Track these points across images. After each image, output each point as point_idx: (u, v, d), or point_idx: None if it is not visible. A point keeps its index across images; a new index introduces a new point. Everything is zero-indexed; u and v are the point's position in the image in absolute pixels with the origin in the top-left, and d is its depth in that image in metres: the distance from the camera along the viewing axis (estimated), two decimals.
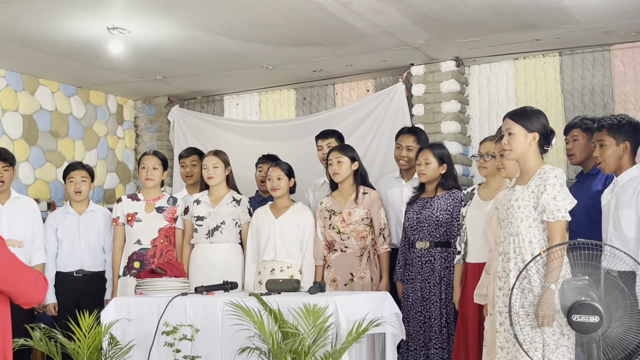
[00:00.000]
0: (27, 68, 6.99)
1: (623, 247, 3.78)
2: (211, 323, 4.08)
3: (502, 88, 7.05)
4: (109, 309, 4.36)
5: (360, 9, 5.46)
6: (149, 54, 6.51)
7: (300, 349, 3.52)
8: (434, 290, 4.78)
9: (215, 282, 4.68)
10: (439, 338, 4.73)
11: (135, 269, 5.29)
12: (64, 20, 5.58)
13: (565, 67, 6.83)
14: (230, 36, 6.08)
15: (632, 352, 3.10)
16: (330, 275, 5.04)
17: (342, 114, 7.27)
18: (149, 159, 5.51)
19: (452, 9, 5.52)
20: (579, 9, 5.61)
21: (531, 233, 3.58)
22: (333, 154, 5.11)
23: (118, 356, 4.11)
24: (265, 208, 5.24)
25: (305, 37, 6.15)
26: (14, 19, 5.52)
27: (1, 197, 5.37)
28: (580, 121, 4.76)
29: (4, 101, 6.99)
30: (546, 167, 3.65)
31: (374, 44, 6.37)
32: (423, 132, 5.69)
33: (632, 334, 3.11)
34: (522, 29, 6.08)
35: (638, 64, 6.58)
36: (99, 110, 8.03)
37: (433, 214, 4.85)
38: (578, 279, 3.25)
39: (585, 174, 4.72)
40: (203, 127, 8.03)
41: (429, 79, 7.00)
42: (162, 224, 5.39)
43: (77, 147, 7.73)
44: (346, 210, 5.02)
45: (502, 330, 3.63)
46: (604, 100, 6.68)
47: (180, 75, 7.36)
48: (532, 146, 3.69)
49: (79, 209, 5.62)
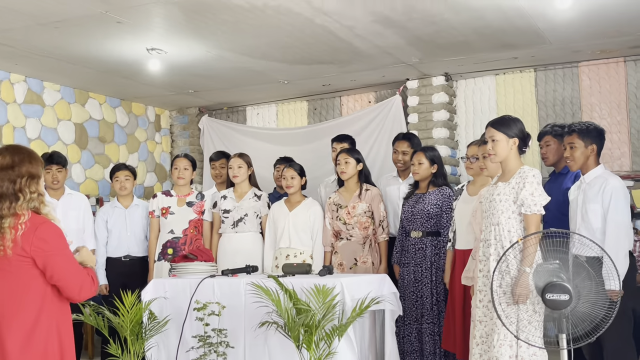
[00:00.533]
0: (79, 83, 7.03)
1: (590, 236, 3.76)
2: (235, 301, 4.08)
3: (485, 99, 7.04)
4: (149, 288, 4.36)
5: (363, 32, 5.46)
6: (182, 71, 6.53)
7: (312, 323, 3.52)
8: (426, 273, 4.78)
9: (239, 266, 4.67)
10: (430, 314, 4.72)
11: (168, 254, 5.29)
12: (109, 43, 5.60)
13: (540, 82, 6.81)
14: (251, 56, 6.09)
15: (597, 325, 3.09)
16: (338, 260, 5.04)
17: (347, 122, 7.27)
18: (181, 161, 5.51)
19: (442, 32, 5.51)
20: (551, 32, 5.59)
21: (510, 223, 3.57)
22: (342, 155, 5.11)
23: (156, 329, 4.10)
24: (280, 203, 5.24)
25: (316, 57, 6.15)
26: (67, 42, 5.55)
27: (56, 193, 5.39)
28: (551, 128, 4.74)
29: (59, 112, 7.03)
30: (525, 168, 3.63)
31: (374, 62, 6.37)
32: (416, 137, 5.67)
33: (597, 309, 3.10)
34: (502, 49, 6.07)
35: (602, 79, 6.56)
36: (139, 119, 8.06)
37: (425, 208, 4.84)
38: (550, 263, 3.24)
39: (557, 174, 4.71)
40: (228, 133, 8.04)
41: (422, 92, 6.99)
42: (191, 216, 5.39)
43: (121, 151, 7.76)
44: (351, 204, 5.02)
45: (480, 306, 3.62)
46: (572, 110, 6.65)
47: (209, 89, 7.37)
48: (513, 149, 3.67)
49: (124, 204, 5.63)
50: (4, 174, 2.52)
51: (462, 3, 4.88)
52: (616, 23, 5.40)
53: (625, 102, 6.49)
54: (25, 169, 2.54)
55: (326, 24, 5.25)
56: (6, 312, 2.51)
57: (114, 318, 4.05)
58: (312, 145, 7.36)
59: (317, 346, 3.54)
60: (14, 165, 2.53)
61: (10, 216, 2.46)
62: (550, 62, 6.65)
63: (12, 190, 2.49)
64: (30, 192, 2.51)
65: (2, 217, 2.46)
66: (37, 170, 2.57)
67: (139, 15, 4.97)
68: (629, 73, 6.47)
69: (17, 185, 2.50)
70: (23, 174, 2.52)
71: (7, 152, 2.59)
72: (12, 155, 2.57)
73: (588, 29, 5.55)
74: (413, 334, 4.76)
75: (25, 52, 5.81)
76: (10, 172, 2.52)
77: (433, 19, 5.20)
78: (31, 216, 2.51)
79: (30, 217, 2.50)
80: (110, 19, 5.02)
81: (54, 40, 5.51)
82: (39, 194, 2.55)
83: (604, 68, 6.56)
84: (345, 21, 5.20)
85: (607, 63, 6.53)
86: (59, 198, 5.38)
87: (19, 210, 2.48)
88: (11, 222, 2.45)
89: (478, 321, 3.63)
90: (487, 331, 3.57)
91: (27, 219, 2.49)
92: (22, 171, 2.53)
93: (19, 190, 2.50)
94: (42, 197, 2.57)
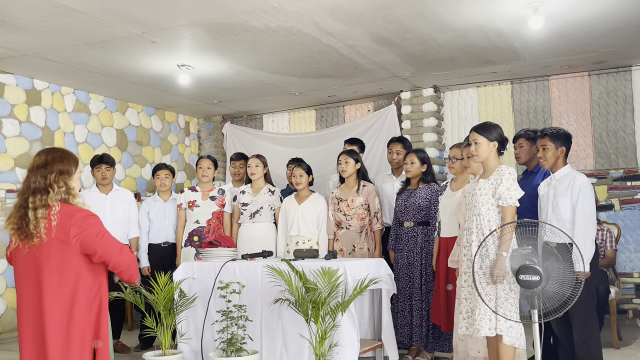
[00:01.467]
0: (119, 95, 7.05)
1: (560, 225, 3.76)
2: (253, 281, 4.09)
3: (469, 108, 7.01)
4: (179, 270, 4.37)
5: (363, 50, 5.45)
6: (208, 84, 6.54)
7: (319, 300, 3.52)
8: (416, 257, 4.76)
9: (256, 251, 4.68)
10: (419, 292, 4.70)
11: (194, 241, 5.30)
12: (145, 60, 5.61)
13: (515, 93, 6.78)
14: (267, 71, 6.09)
15: (565, 302, 3.08)
16: (338, 246, 5.02)
17: (350, 128, 7.26)
18: (204, 161, 5.51)
19: (431, 50, 5.50)
20: (526, 50, 5.57)
21: (489, 214, 3.55)
22: (342, 156, 5.09)
23: (185, 305, 4.13)
24: (291, 197, 5.23)
25: (322, 71, 6.15)
26: (110, 59, 5.56)
27: (105, 189, 5.42)
28: (524, 132, 4.71)
29: (102, 119, 7.05)
30: (503, 167, 3.61)
31: (373, 76, 6.36)
32: (408, 140, 5.66)
33: (565, 288, 3.09)
34: (483, 65, 6.05)
35: (570, 90, 6.52)
36: (171, 125, 8.07)
37: (417, 202, 4.82)
38: (523, 248, 3.23)
39: (529, 172, 4.68)
40: (248, 137, 8.04)
41: (414, 102, 6.97)
42: (214, 208, 5.38)
43: (156, 153, 7.78)
44: (350, 198, 5.01)
45: (466, 285, 3.60)
46: (544, 117, 6.62)
47: (231, 99, 7.38)
48: (493, 151, 3.65)
49: (164, 198, 5.63)
50: (38, 171, 2.54)
51: (449, 25, 4.86)
52: (581, 42, 5.38)
53: (589, 110, 6.45)
54: (56, 166, 2.55)
55: (331, 43, 5.24)
56: (49, 288, 2.50)
57: (150, 295, 4.06)
58: (319, 147, 7.36)
59: (323, 320, 3.54)
60: (47, 164, 2.54)
61: (42, 207, 2.47)
62: (524, 76, 6.63)
63: (44, 184, 2.51)
64: (59, 186, 2.52)
65: (36, 208, 2.47)
66: (67, 168, 2.57)
67: (170, 36, 4.98)
68: (592, 85, 6.43)
69: (47, 181, 2.51)
70: (53, 171, 2.53)
71: (44, 152, 2.61)
72: (47, 155, 2.58)
73: (557, 47, 5.52)
74: (406, 310, 4.75)
75: (74, 68, 5.83)
76: (43, 169, 2.53)
77: (423, 39, 5.19)
78: (64, 207, 2.51)
79: (61, 208, 2.50)
80: (146, 40, 5.03)
81: (98, 58, 5.52)
82: (68, 187, 2.55)
83: (571, 81, 6.53)
84: (348, 41, 5.19)
85: (573, 76, 6.50)
86: (107, 193, 5.41)
87: (50, 202, 2.48)
88: (44, 213, 2.46)
89: (464, 298, 3.61)
90: (472, 307, 3.56)
91: (58, 210, 2.49)
92: (53, 168, 2.54)
93: (49, 185, 2.51)
94: (72, 190, 2.56)
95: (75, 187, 2.60)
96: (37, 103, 6.32)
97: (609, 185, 6.28)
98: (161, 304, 4.03)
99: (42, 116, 6.36)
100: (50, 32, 4.79)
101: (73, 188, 2.57)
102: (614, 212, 6.22)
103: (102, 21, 4.58)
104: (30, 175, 2.56)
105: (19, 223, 2.51)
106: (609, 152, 6.35)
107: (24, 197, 2.53)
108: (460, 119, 7.04)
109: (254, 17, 4.57)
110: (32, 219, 2.46)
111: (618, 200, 6.23)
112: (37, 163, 2.56)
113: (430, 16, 4.66)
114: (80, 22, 4.59)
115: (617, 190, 6.25)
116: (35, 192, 2.50)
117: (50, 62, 5.62)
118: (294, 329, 3.91)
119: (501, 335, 3.42)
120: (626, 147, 6.29)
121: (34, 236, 2.46)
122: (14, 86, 6.10)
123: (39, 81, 6.31)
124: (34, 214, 2.45)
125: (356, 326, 3.80)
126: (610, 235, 5.38)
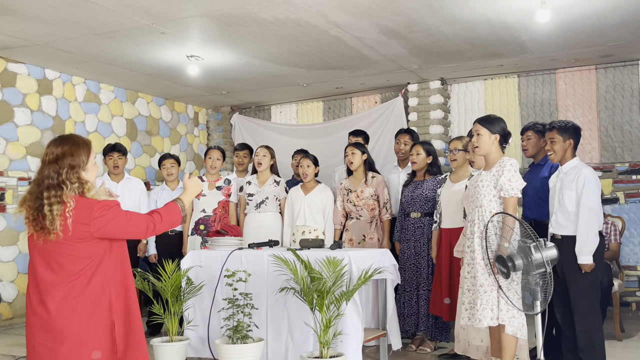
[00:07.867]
0: (129, 85, 7.06)
1: (565, 218, 3.75)
2: (259, 269, 4.09)
3: (475, 101, 6.97)
4: (186, 258, 4.37)
5: (371, 42, 5.42)
6: (216, 75, 6.53)
7: (323, 289, 3.52)
8: (423, 247, 4.75)
9: (263, 240, 4.69)
10: (426, 282, 4.70)
11: (200, 230, 5.31)
12: (155, 50, 5.61)
13: (522, 86, 6.74)
14: (275, 62, 6.07)
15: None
16: (348, 236, 5.03)
17: (357, 120, 7.25)
18: (214, 152, 5.50)
19: (438, 42, 5.47)
20: (532, 43, 5.52)
21: (491, 205, 3.54)
22: (349, 148, 5.08)
23: (192, 292, 4.14)
24: (297, 187, 5.23)
25: (330, 63, 6.13)
26: (120, 49, 5.57)
27: (117, 177, 5.47)
28: (533, 125, 4.68)
29: (113, 109, 7.07)
30: (505, 158, 3.59)
31: (380, 68, 6.33)
32: (415, 132, 5.64)
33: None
34: (490, 57, 6.01)
35: (576, 83, 6.48)
36: (181, 116, 8.08)
37: (423, 193, 4.81)
38: (524, 241, 3.24)
39: (536, 164, 4.65)
40: (256, 128, 8.05)
41: (421, 94, 6.94)
42: (220, 198, 5.38)
43: (165, 143, 7.79)
44: (359, 189, 5.01)
45: (469, 277, 3.60)
46: (550, 111, 6.58)
47: (239, 90, 7.38)
48: (495, 144, 3.63)
49: (171, 187, 5.65)
50: (51, 167, 2.52)
51: (456, 18, 4.83)
52: (589, 35, 5.33)
53: (595, 104, 6.41)
54: (66, 161, 2.53)
55: (339, 35, 5.22)
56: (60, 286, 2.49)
57: (158, 283, 4.08)
58: (327, 139, 7.35)
59: (328, 308, 3.55)
60: (58, 159, 2.53)
61: (57, 204, 2.46)
62: (531, 69, 6.58)
63: (57, 181, 2.50)
64: (71, 182, 2.51)
65: (52, 204, 2.46)
66: (77, 161, 2.55)
67: (180, 27, 4.97)
68: (599, 79, 6.38)
69: (60, 177, 2.51)
70: (65, 166, 2.52)
71: (54, 145, 2.58)
72: (57, 148, 2.56)
73: (564, 41, 5.48)
74: (413, 300, 4.75)
75: (85, 58, 5.84)
76: (55, 165, 2.52)
77: (430, 32, 5.16)
78: (79, 202, 2.50)
79: (77, 203, 2.49)
80: (155, 30, 5.03)
81: (108, 48, 5.53)
82: (82, 181, 2.54)
83: (577, 74, 6.48)
84: (356, 33, 5.16)
85: (580, 70, 6.44)
86: (118, 181, 5.46)
87: (64, 198, 2.48)
88: (59, 210, 2.45)
89: (466, 289, 3.61)
90: (474, 298, 3.56)
91: (74, 206, 2.48)
92: (64, 163, 2.53)
93: (62, 182, 2.50)
94: (85, 183, 2.55)
95: (90, 178, 2.59)
96: (49, 92, 6.34)
97: (614, 179, 6.24)
98: (169, 291, 4.04)
99: (54, 105, 6.38)
100: (61, 22, 4.80)
101: (87, 182, 2.55)
102: (618, 205, 6.19)
103: (112, 12, 4.58)
104: (44, 168, 2.55)
105: (35, 215, 2.50)
106: (614, 145, 6.31)
107: (39, 188, 2.52)
108: (467, 111, 7.00)
109: (262, 8, 4.56)
110: (49, 215, 2.45)
111: (623, 193, 6.20)
112: (49, 158, 2.55)
113: (438, 9, 4.63)
114: (91, 12, 4.59)
115: (622, 184, 6.21)
116: (49, 188, 2.49)
117: (61, 52, 5.63)
118: (299, 317, 3.92)
119: (504, 325, 3.41)
120: (632, 140, 6.24)
121: (50, 232, 2.46)
122: (26, 75, 6.13)
123: (50, 71, 6.33)
124: (49, 210, 2.45)
125: (360, 315, 3.80)
126: (615, 229, 5.35)
